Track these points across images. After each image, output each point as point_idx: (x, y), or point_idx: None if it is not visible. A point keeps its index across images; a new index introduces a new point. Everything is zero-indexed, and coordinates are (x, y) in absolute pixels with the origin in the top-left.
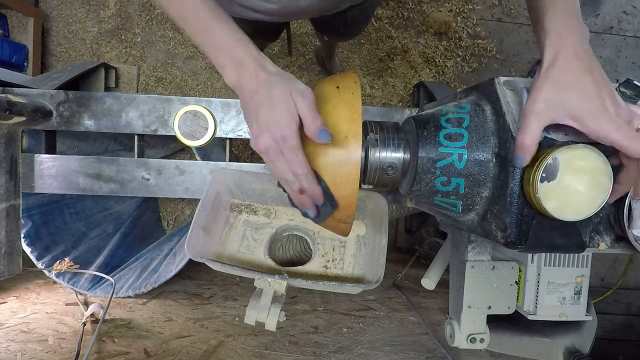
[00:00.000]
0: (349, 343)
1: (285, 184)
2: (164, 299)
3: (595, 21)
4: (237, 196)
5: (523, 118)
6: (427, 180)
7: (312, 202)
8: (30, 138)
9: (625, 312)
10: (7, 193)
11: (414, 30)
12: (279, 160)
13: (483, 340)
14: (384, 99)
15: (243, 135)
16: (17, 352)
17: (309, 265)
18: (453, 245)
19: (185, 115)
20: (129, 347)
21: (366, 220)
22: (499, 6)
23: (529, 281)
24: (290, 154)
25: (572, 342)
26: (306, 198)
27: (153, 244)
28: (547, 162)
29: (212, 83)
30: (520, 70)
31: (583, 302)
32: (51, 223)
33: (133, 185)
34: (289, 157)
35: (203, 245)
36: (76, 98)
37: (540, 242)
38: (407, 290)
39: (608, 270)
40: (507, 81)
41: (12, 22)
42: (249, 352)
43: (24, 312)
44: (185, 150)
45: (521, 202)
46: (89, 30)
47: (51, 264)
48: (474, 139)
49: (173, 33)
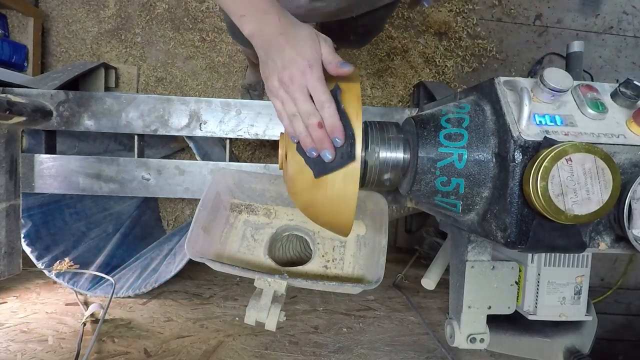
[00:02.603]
0: (349, 343)
1: (299, 121)
2: (164, 299)
3: (595, 21)
4: (237, 196)
5: None
6: (427, 180)
7: (330, 140)
8: (30, 138)
9: (625, 312)
10: (7, 193)
11: (414, 30)
12: (300, 91)
13: (483, 340)
14: (384, 99)
15: (243, 136)
16: (17, 352)
17: (309, 265)
18: (453, 245)
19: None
20: (129, 347)
21: (366, 220)
22: (499, 6)
23: (529, 281)
24: (316, 81)
25: (572, 342)
26: (324, 135)
27: (153, 244)
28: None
29: (212, 83)
30: (520, 70)
31: (583, 302)
32: (51, 223)
33: (133, 185)
34: (313, 85)
35: (203, 245)
36: (76, 98)
37: (540, 242)
38: (407, 290)
39: (608, 270)
40: (507, 81)
41: (12, 22)
42: (249, 352)
43: (24, 312)
44: (185, 150)
45: (521, 202)
46: (89, 30)
47: (51, 264)
48: (474, 139)
49: (173, 33)
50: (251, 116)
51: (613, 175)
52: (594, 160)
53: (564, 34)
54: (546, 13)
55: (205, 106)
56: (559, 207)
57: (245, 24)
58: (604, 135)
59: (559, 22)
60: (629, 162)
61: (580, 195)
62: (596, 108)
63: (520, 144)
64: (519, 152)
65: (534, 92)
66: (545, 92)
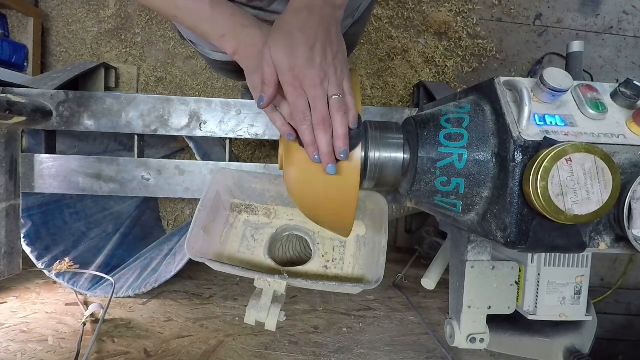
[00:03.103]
0: (349, 343)
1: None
2: (164, 299)
3: (595, 21)
4: (237, 196)
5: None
6: (427, 180)
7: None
8: (30, 138)
9: (625, 312)
10: (7, 193)
11: (414, 30)
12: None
13: (483, 340)
14: (384, 99)
15: (243, 136)
16: (17, 352)
17: (309, 265)
18: (453, 245)
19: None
20: (129, 347)
21: (366, 220)
22: (499, 6)
23: (529, 281)
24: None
25: (572, 342)
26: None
27: (153, 244)
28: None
29: (212, 83)
30: (520, 70)
31: (583, 302)
32: (51, 223)
33: (133, 185)
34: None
35: (203, 245)
36: (76, 98)
37: (541, 242)
38: (407, 290)
39: (608, 270)
40: (507, 81)
41: (12, 22)
42: (249, 352)
43: (24, 312)
44: (185, 150)
45: (521, 202)
46: (89, 30)
47: (51, 264)
48: (474, 139)
49: (173, 33)
50: (251, 116)
51: (613, 175)
52: (594, 160)
53: (564, 34)
54: (546, 13)
55: (205, 106)
56: (559, 207)
57: (226, 43)
58: (604, 135)
59: (559, 22)
60: (629, 162)
61: (580, 195)
62: (596, 108)
63: (520, 144)
64: (519, 152)
65: (534, 92)
66: (545, 92)
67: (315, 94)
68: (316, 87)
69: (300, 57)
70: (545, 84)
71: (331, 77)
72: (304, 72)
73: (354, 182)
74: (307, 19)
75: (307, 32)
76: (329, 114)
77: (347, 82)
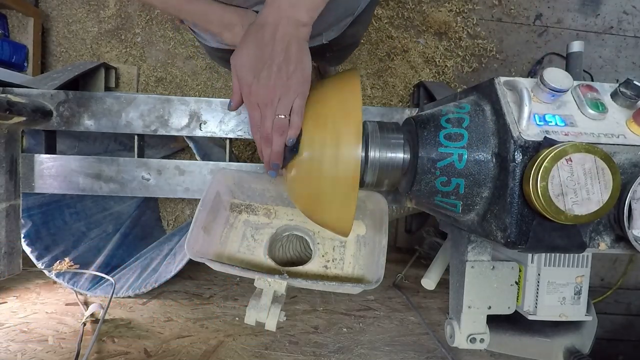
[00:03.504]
0: (349, 343)
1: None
2: (164, 299)
3: (595, 21)
4: (237, 196)
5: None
6: (427, 180)
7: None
8: (30, 138)
9: (625, 312)
10: (7, 193)
11: (414, 30)
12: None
13: (483, 340)
14: (384, 99)
15: (243, 136)
16: (17, 352)
17: (309, 265)
18: (453, 245)
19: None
20: (129, 347)
21: (366, 220)
22: (499, 6)
23: (529, 281)
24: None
25: (572, 342)
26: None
27: (153, 244)
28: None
29: (212, 83)
30: (520, 70)
31: (583, 302)
32: (51, 223)
33: (133, 185)
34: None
35: (203, 245)
36: (76, 98)
37: (541, 242)
38: (407, 290)
39: (608, 270)
40: (507, 81)
41: (12, 22)
42: (249, 352)
43: (24, 312)
44: (185, 150)
45: (521, 202)
46: (89, 30)
47: (51, 264)
48: (474, 139)
49: (173, 33)
50: None
51: (613, 175)
52: (594, 160)
53: (564, 34)
54: (546, 13)
55: (205, 106)
56: (559, 207)
57: (226, 35)
58: (604, 135)
59: (559, 22)
60: (629, 162)
61: (580, 195)
62: (596, 108)
63: (520, 144)
64: (519, 152)
65: (534, 92)
66: (545, 92)
67: (265, 113)
68: (266, 106)
69: (256, 76)
70: (545, 84)
71: (282, 98)
72: (258, 91)
73: (353, 182)
74: (267, 36)
75: (266, 51)
76: (272, 132)
77: (300, 99)
